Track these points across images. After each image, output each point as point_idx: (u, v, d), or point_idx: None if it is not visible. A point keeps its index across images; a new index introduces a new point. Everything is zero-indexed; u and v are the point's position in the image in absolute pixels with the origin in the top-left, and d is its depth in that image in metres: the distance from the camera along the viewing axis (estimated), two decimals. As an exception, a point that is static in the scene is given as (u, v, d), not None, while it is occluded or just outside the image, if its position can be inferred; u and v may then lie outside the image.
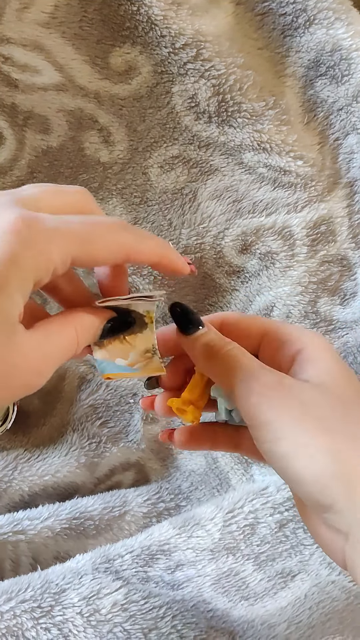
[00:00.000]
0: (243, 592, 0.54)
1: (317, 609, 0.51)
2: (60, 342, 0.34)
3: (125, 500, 0.66)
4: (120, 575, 0.53)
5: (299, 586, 0.54)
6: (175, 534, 0.57)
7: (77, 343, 0.35)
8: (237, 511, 0.59)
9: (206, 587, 0.54)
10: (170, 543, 0.57)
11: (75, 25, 0.58)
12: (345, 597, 0.52)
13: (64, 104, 0.62)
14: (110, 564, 0.54)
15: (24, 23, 0.57)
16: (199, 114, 0.61)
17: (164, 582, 0.53)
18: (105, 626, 0.49)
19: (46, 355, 0.33)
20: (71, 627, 0.49)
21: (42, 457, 0.68)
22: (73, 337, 0.35)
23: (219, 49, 0.57)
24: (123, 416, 0.71)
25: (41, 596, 0.51)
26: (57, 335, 0.34)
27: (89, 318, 0.37)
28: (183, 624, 0.48)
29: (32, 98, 0.61)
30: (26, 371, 0.31)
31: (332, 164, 0.63)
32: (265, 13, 0.59)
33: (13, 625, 0.49)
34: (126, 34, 0.58)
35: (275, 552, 0.57)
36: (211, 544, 0.57)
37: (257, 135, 0.60)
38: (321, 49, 0.58)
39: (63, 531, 0.61)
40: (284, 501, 0.59)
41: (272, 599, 0.53)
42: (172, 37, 0.57)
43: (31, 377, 0.32)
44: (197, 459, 0.72)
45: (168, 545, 0.56)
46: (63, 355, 0.34)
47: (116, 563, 0.54)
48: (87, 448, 0.69)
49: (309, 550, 0.57)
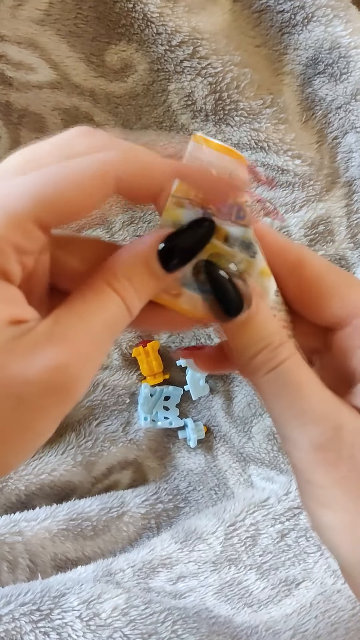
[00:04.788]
0: (246, 599, 0.54)
1: (323, 619, 0.51)
2: (95, 324, 0.25)
3: (123, 501, 0.66)
4: (121, 586, 0.52)
5: (304, 594, 0.54)
6: (177, 548, 0.57)
7: (127, 310, 0.26)
8: (238, 524, 0.58)
9: (209, 596, 0.54)
10: (172, 557, 0.56)
11: (70, 23, 0.57)
12: (351, 607, 0.52)
13: (59, 102, 0.61)
14: (112, 577, 0.53)
15: (18, 20, 0.56)
16: (195, 112, 0.61)
17: (165, 592, 0.53)
18: (105, 631, 0.48)
19: (72, 353, 0.24)
20: (70, 631, 0.49)
21: (39, 456, 0.68)
22: (117, 306, 0.25)
23: (215, 47, 0.57)
24: (121, 415, 0.71)
25: (40, 599, 0.50)
26: (89, 316, 0.25)
27: (130, 260, 0.26)
28: (184, 629, 0.48)
29: (27, 96, 0.60)
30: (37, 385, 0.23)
31: (330, 163, 0.62)
32: (263, 10, 0.58)
33: (12, 629, 0.49)
34: (122, 32, 0.57)
35: (278, 561, 0.57)
36: (213, 557, 0.57)
37: (254, 134, 0.60)
38: (319, 47, 0.58)
39: (60, 532, 0.61)
40: (284, 511, 0.59)
41: (277, 605, 0.53)
42: (169, 34, 0.56)
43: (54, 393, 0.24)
44: (196, 457, 0.72)
45: (170, 560, 0.56)
46: (104, 342, 0.25)
47: (117, 576, 0.54)
48: (83, 447, 0.69)
49: (313, 558, 0.57)
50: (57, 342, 0.24)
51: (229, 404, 0.71)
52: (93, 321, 0.25)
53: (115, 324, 0.25)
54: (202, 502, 0.69)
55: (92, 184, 0.24)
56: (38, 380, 0.23)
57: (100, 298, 0.25)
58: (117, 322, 0.25)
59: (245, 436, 0.70)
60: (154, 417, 0.71)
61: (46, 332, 0.24)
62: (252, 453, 0.70)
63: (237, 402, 0.71)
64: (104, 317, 0.25)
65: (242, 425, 0.71)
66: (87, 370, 0.24)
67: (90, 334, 0.24)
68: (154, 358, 0.70)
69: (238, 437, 0.71)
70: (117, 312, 0.25)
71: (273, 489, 0.62)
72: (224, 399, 0.72)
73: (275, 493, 0.60)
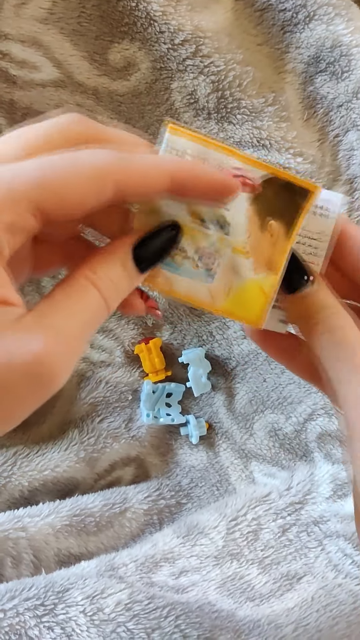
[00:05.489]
0: (248, 593, 0.54)
1: (325, 612, 0.52)
2: (76, 318, 0.26)
3: (125, 497, 0.66)
4: (124, 580, 0.53)
5: (305, 588, 0.54)
6: (179, 543, 0.57)
7: (106, 306, 0.27)
8: (240, 519, 0.59)
9: (211, 590, 0.54)
10: (175, 552, 0.57)
11: (74, 21, 0.58)
12: (352, 600, 0.53)
13: (63, 101, 0.61)
14: (115, 571, 0.54)
15: (22, 19, 0.56)
16: (198, 110, 0.61)
17: (168, 587, 0.54)
18: (109, 625, 0.49)
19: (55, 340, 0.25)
20: (74, 625, 0.49)
21: (42, 452, 0.68)
22: (97, 301, 0.27)
23: (218, 45, 0.57)
24: (123, 411, 0.71)
25: (45, 594, 0.50)
26: (71, 310, 0.26)
27: (109, 260, 0.28)
28: (187, 624, 0.48)
29: (31, 94, 0.60)
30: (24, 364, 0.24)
31: (332, 160, 0.62)
32: (265, 9, 0.58)
33: (16, 624, 0.49)
34: (125, 30, 0.58)
35: (280, 555, 0.57)
36: (215, 551, 0.57)
37: (256, 132, 0.60)
38: (321, 45, 0.58)
39: (64, 528, 0.61)
40: (286, 506, 0.59)
41: (279, 599, 0.54)
42: (171, 33, 0.56)
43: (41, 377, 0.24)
44: (198, 453, 0.72)
45: (172, 554, 0.57)
46: (84, 335, 0.26)
47: (120, 571, 0.54)
48: (86, 443, 0.69)
49: (314, 552, 0.58)
50: (42, 332, 0.24)
51: (231, 401, 0.72)
52: (75, 315, 0.26)
53: (94, 318, 0.27)
54: (204, 499, 0.70)
55: (90, 182, 0.26)
56: (20, 366, 0.24)
57: (82, 294, 0.27)
58: (96, 317, 0.27)
59: (247, 433, 0.71)
60: (156, 413, 0.71)
61: (31, 322, 0.25)
62: (254, 449, 0.70)
63: (238, 399, 0.71)
64: (85, 311, 0.26)
65: (243, 421, 0.71)
66: (68, 362, 0.25)
67: (72, 327, 0.26)
68: (156, 355, 0.71)
69: (240, 434, 0.71)
70: (97, 307, 0.27)
71: (274, 484, 0.63)
72: (226, 396, 0.72)
73: (276, 488, 0.61)
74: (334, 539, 0.59)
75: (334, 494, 0.62)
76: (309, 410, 0.67)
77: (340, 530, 0.60)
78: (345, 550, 0.58)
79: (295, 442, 0.68)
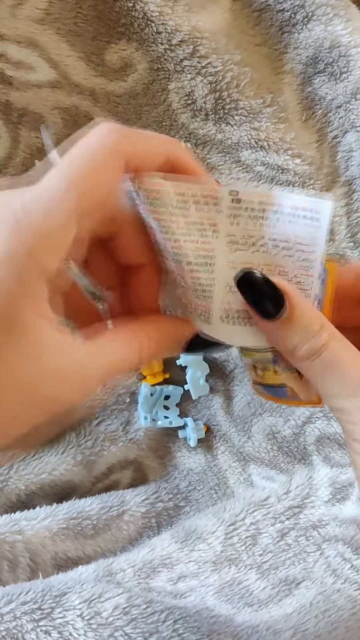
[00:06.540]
0: (247, 599, 0.54)
1: (323, 618, 0.51)
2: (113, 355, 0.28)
3: (123, 500, 0.66)
4: (122, 585, 0.52)
5: (304, 594, 0.54)
6: (177, 548, 0.57)
7: (138, 359, 0.30)
8: (238, 523, 0.58)
9: (209, 596, 0.54)
10: (173, 557, 0.56)
11: (70, 22, 0.57)
12: (351, 606, 0.52)
13: (59, 101, 0.61)
14: (113, 576, 0.53)
15: (18, 19, 0.56)
16: (195, 111, 0.61)
17: (166, 592, 0.53)
18: (106, 630, 0.48)
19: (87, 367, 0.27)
20: (71, 630, 0.49)
21: (39, 456, 0.67)
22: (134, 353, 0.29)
23: (215, 46, 0.57)
24: (121, 414, 0.71)
25: (42, 598, 0.50)
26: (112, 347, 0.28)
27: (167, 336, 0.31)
28: (185, 628, 0.48)
29: (27, 95, 0.60)
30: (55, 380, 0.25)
31: (330, 162, 0.62)
32: (263, 9, 0.58)
33: (13, 628, 0.49)
34: (122, 31, 0.57)
35: (278, 560, 0.57)
36: (213, 556, 0.57)
37: (254, 133, 0.60)
38: (319, 46, 0.58)
39: (61, 531, 0.61)
40: (284, 511, 0.59)
41: (277, 605, 0.53)
42: (169, 33, 0.56)
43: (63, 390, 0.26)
44: (196, 456, 0.72)
45: (170, 559, 0.56)
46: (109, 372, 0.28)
47: (118, 576, 0.54)
48: (83, 446, 0.69)
49: (313, 557, 0.58)
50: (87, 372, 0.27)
51: (229, 403, 0.72)
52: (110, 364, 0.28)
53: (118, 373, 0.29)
54: (202, 502, 0.69)
55: (106, 163, 0.27)
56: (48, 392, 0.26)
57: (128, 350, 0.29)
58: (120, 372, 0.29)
59: (245, 435, 0.70)
60: (154, 416, 0.71)
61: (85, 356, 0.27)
62: (252, 452, 0.70)
63: (237, 402, 0.71)
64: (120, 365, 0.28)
65: (242, 424, 0.71)
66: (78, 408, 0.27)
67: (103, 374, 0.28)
68: (154, 357, 0.71)
69: (238, 437, 0.71)
70: (128, 363, 0.29)
71: (273, 488, 0.62)
72: (224, 398, 0.72)
73: (275, 492, 0.60)
74: (332, 543, 0.59)
75: (333, 497, 0.62)
76: (308, 413, 0.67)
77: (339, 534, 0.59)
78: (344, 554, 0.58)
79: (294, 445, 0.68)
